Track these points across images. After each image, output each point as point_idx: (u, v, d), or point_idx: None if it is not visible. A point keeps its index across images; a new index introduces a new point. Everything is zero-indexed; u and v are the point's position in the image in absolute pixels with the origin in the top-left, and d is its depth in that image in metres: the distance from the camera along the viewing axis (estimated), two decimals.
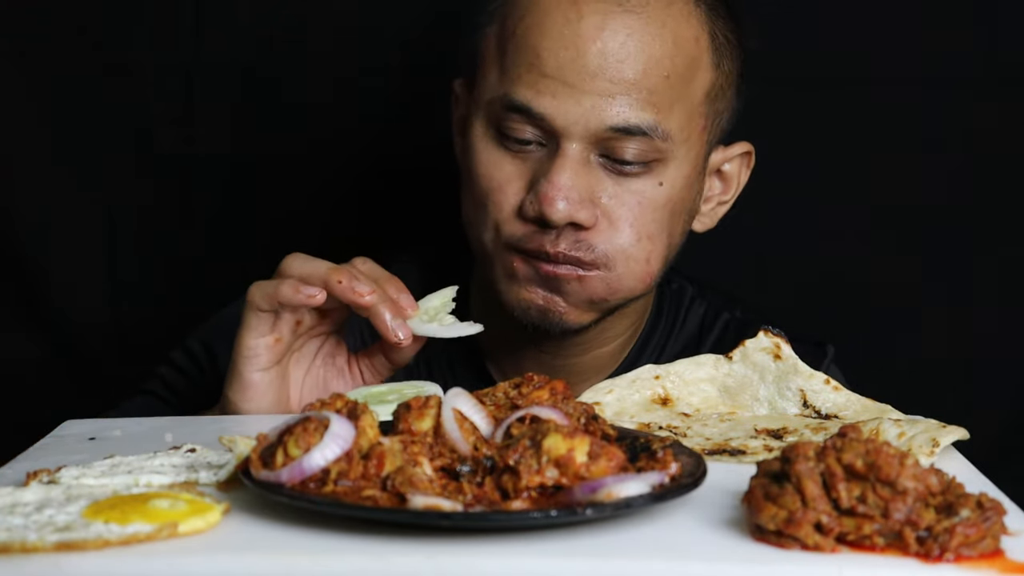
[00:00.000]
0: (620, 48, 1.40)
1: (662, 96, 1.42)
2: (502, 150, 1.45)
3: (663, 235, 1.46)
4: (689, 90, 1.45)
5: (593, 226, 1.42)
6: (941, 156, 1.94)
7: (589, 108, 1.40)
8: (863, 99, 1.93)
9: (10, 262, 1.98)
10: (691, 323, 1.65)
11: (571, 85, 1.39)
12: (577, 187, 1.41)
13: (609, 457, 0.96)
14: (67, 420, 1.29)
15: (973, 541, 0.88)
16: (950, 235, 1.94)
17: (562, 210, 1.40)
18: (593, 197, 1.42)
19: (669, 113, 1.42)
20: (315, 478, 0.95)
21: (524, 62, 1.42)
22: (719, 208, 1.59)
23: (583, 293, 1.45)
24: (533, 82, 1.41)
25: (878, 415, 1.21)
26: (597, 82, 1.39)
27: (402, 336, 1.30)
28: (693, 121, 1.46)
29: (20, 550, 0.88)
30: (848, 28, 1.93)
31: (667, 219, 1.46)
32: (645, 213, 1.44)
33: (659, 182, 1.44)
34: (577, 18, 1.40)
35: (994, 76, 1.91)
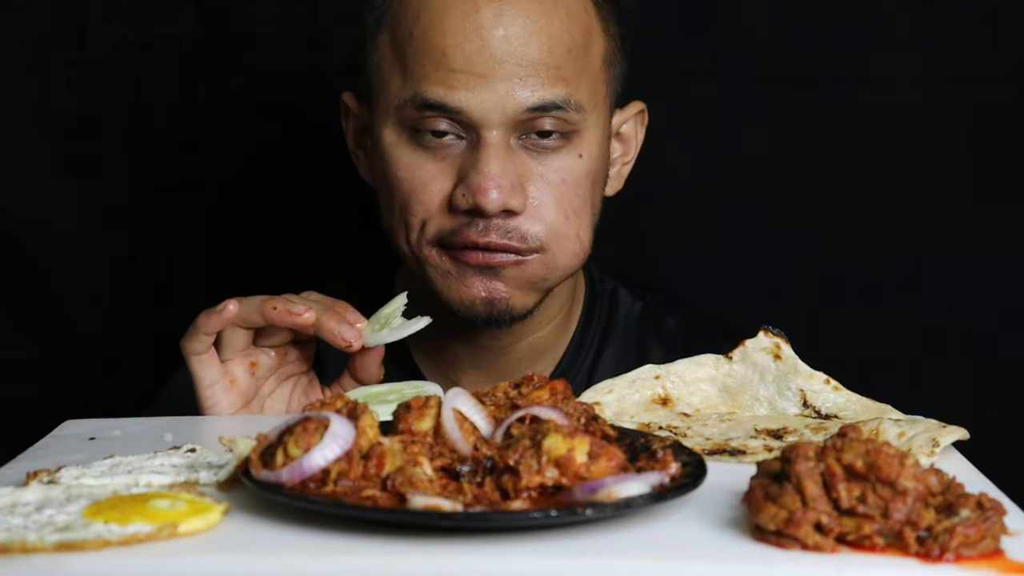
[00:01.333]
0: (521, 31, 1.42)
1: (568, 69, 1.45)
2: (420, 150, 1.46)
3: (587, 207, 1.49)
4: (589, 59, 1.48)
5: (523, 211, 1.44)
6: (941, 156, 1.94)
7: (503, 94, 1.42)
8: (863, 99, 1.93)
9: (10, 262, 1.98)
10: (629, 324, 1.67)
11: (481, 75, 1.42)
12: (507, 173, 1.43)
13: (609, 457, 0.96)
14: (67, 420, 1.29)
15: (973, 541, 0.88)
16: (950, 235, 1.94)
17: (495, 199, 1.42)
18: (521, 182, 1.44)
19: (578, 84, 1.45)
20: (315, 478, 0.95)
21: (430, 61, 1.43)
22: (623, 169, 1.61)
23: (522, 276, 1.47)
24: (443, 79, 1.42)
25: (878, 415, 1.21)
26: (506, 67, 1.42)
27: (350, 338, 1.33)
28: (597, 88, 1.49)
29: (20, 550, 0.88)
30: (848, 28, 1.93)
31: (589, 190, 1.49)
32: (570, 189, 1.46)
33: (579, 154, 1.47)
34: (474, 10, 1.42)
35: (994, 76, 1.92)
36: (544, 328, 1.59)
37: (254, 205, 2.01)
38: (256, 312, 1.32)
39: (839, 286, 1.96)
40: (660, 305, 1.69)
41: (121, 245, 2.01)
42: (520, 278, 1.47)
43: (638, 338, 1.66)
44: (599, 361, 1.63)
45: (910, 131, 1.93)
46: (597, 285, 1.67)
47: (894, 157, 1.94)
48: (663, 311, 1.68)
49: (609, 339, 1.65)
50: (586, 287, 1.66)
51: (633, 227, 1.97)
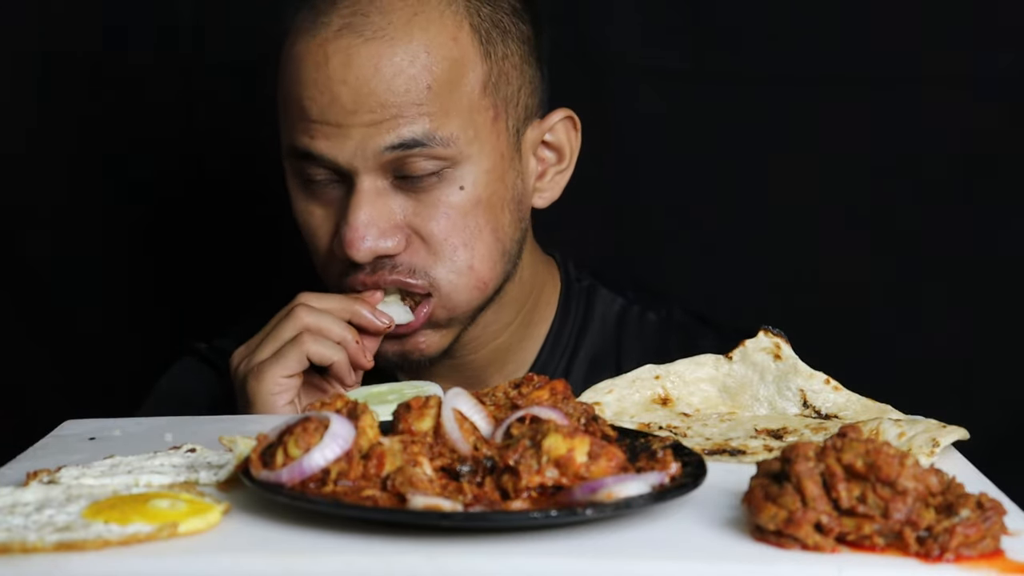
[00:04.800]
0: (371, 78, 1.41)
1: (430, 106, 1.42)
2: (309, 195, 1.48)
3: (482, 236, 1.47)
4: (460, 91, 1.45)
5: (405, 249, 1.45)
6: (941, 156, 1.94)
7: (360, 139, 1.41)
8: (862, 99, 1.93)
9: (10, 263, 1.98)
10: (607, 321, 1.66)
11: (336, 125, 1.42)
12: (376, 220, 1.43)
13: (609, 457, 0.96)
14: (67, 420, 1.29)
15: (973, 541, 0.88)
16: (950, 235, 1.94)
17: (365, 248, 1.43)
18: (397, 222, 1.44)
19: (444, 118, 1.43)
20: (315, 478, 0.95)
21: (295, 112, 1.45)
22: (558, 178, 1.58)
23: (428, 326, 1.48)
24: (306, 128, 1.44)
25: (878, 415, 1.21)
26: (359, 115, 1.41)
27: (387, 320, 1.43)
28: (477, 116, 1.46)
29: (20, 550, 0.88)
30: (848, 28, 1.93)
31: (481, 219, 1.47)
32: (454, 221, 1.45)
33: (459, 187, 1.45)
34: (324, 61, 1.42)
35: (994, 76, 1.92)
36: (501, 336, 1.59)
37: (254, 205, 2.01)
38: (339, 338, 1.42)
39: (839, 286, 1.96)
40: (641, 300, 1.68)
41: (121, 245, 2.02)
42: (427, 328, 1.48)
43: (616, 335, 1.65)
44: (575, 359, 1.62)
45: (910, 131, 1.93)
46: (573, 283, 1.66)
47: (894, 157, 1.94)
48: (644, 307, 1.67)
49: (585, 336, 1.64)
50: (561, 286, 1.65)
51: (633, 227, 1.97)
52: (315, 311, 1.41)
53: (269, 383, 1.38)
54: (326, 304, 1.42)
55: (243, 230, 2.02)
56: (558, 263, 1.66)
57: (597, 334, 1.64)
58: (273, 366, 1.38)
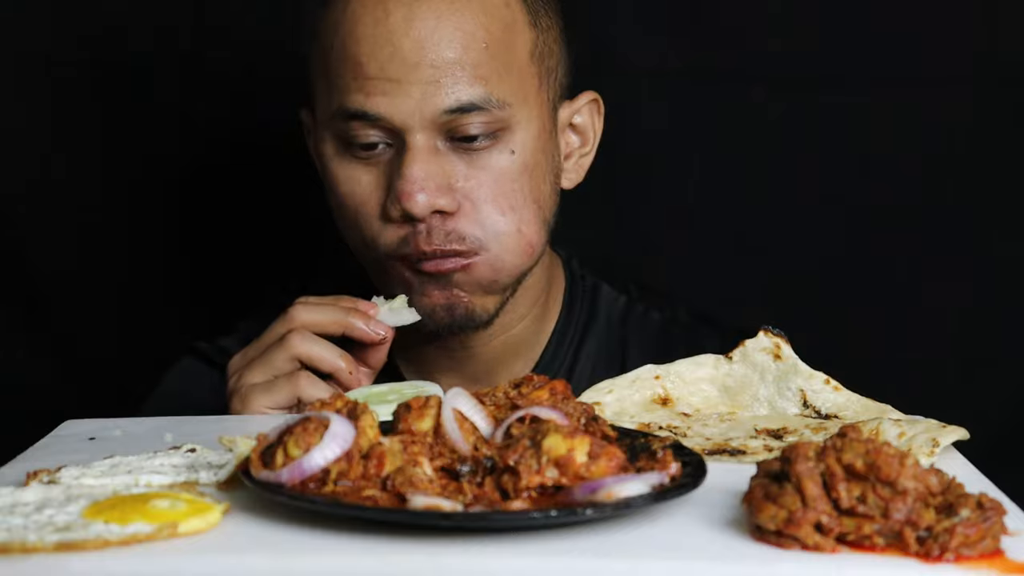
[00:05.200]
0: (433, 32, 1.42)
1: (487, 67, 1.44)
2: (355, 162, 1.47)
3: (528, 202, 1.48)
4: (512, 54, 1.47)
5: (457, 211, 1.44)
6: (941, 156, 1.94)
7: (420, 98, 1.42)
8: (863, 99, 1.93)
9: (10, 262, 1.98)
10: (611, 319, 1.66)
11: (396, 81, 1.42)
12: (432, 175, 1.43)
13: (609, 457, 0.96)
14: (67, 420, 1.29)
15: (973, 541, 0.88)
16: (950, 235, 1.94)
17: (422, 202, 1.42)
18: (450, 182, 1.44)
19: (499, 81, 1.45)
20: (315, 478, 0.95)
21: (348, 71, 1.44)
22: (582, 161, 1.60)
23: (472, 280, 1.47)
24: (361, 87, 1.43)
25: (878, 415, 1.21)
26: (420, 71, 1.42)
27: (382, 331, 1.41)
28: (526, 83, 1.48)
29: (20, 550, 0.88)
30: (848, 28, 1.93)
31: (528, 185, 1.48)
32: (504, 185, 1.46)
33: (511, 150, 1.46)
34: (385, 16, 1.43)
35: (994, 76, 1.92)
36: (515, 327, 1.59)
37: (258, 204, 2.01)
38: (331, 366, 1.40)
39: (839, 286, 1.96)
40: (644, 300, 1.68)
41: (121, 245, 2.01)
42: (471, 282, 1.47)
43: (620, 333, 1.65)
44: (579, 356, 1.63)
45: (910, 131, 1.93)
46: (578, 281, 1.66)
47: (894, 157, 1.94)
48: (647, 305, 1.67)
49: (589, 334, 1.64)
50: (566, 283, 1.66)
51: (632, 227, 1.97)
52: (308, 338, 1.39)
53: (254, 410, 1.38)
54: (320, 316, 1.40)
55: (246, 229, 2.01)
56: (563, 260, 1.67)
57: (602, 332, 1.65)
58: (261, 396, 1.38)
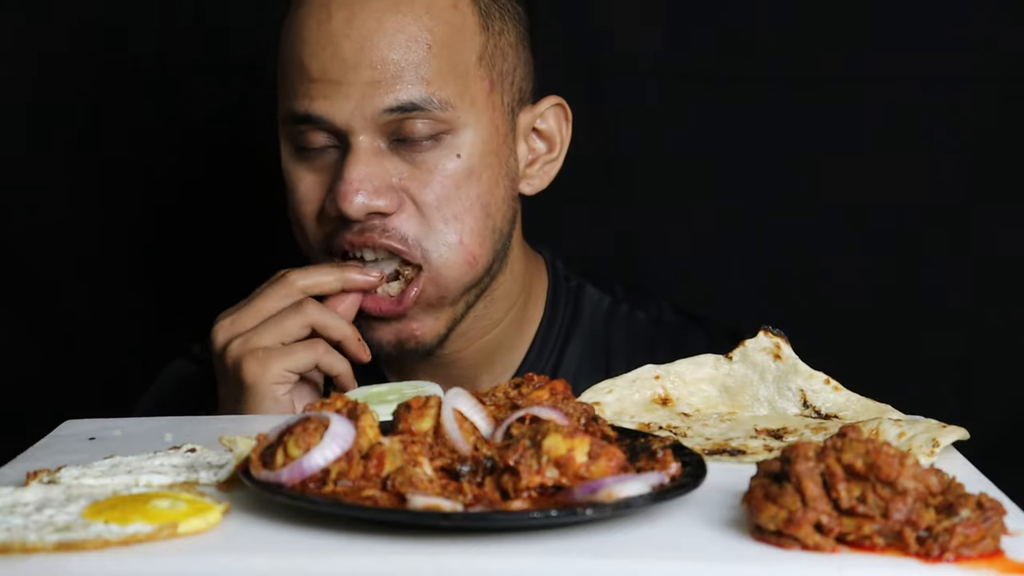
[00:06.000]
0: (374, 33, 1.43)
1: (429, 68, 1.44)
2: (303, 164, 1.48)
3: (474, 209, 1.47)
4: (458, 56, 1.47)
5: (398, 210, 1.45)
6: (941, 156, 1.94)
7: (359, 98, 1.42)
8: (863, 99, 1.93)
9: (10, 262, 1.98)
10: (595, 320, 1.66)
11: (336, 82, 1.43)
12: (372, 177, 1.43)
13: (609, 457, 0.96)
14: (67, 420, 1.29)
15: (973, 541, 0.88)
16: (950, 235, 1.94)
17: (358, 203, 1.42)
18: (391, 183, 1.45)
19: (443, 83, 1.45)
20: (315, 478, 0.95)
21: (295, 75, 1.45)
22: (548, 167, 1.59)
23: (420, 306, 1.47)
24: (306, 91, 1.44)
25: (878, 415, 1.21)
26: (360, 72, 1.42)
27: (375, 274, 1.45)
28: (473, 86, 1.47)
29: (20, 550, 0.88)
30: (848, 28, 1.93)
31: (474, 191, 1.47)
32: (448, 189, 1.46)
33: (456, 154, 1.46)
34: (327, 18, 1.44)
35: (994, 76, 1.92)
36: (491, 332, 1.58)
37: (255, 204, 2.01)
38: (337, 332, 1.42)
39: (839, 286, 1.96)
40: (630, 299, 1.68)
41: (121, 245, 2.02)
42: (419, 309, 1.47)
43: (604, 333, 1.65)
44: (563, 357, 1.62)
45: (910, 131, 1.93)
46: (562, 282, 1.66)
47: (894, 157, 1.94)
48: (633, 305, 1.67)
49: (573, 336, 1.64)
50: (548, 285, 1.65)
51: (632, 227, 1.97)
52: (322, 308, 1.40)
53: (274, 374, 1.37)
54: (317, 276, 1.41)
55: (244, 229, 2.02)
56: (546, 262, 1.66)
57: (585, 333, 1.64)
58: (282, 359, 1.38)
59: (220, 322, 1.42)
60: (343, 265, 1.44)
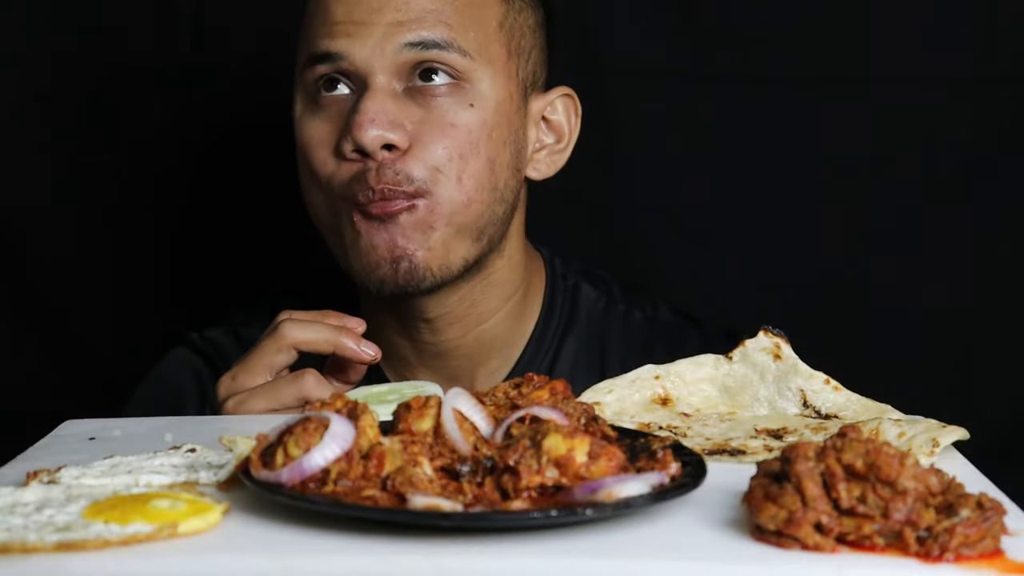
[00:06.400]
0: None
1: (452, 16, 1.47)
2: (318, 112, 1.49)
3: (479, 158, 1.48)
4: (481, 14, 1.49)
5: (408, 150, 1.45)
6: (941, 156, 1.94)
7: (381, 37, 1.45)
8: (863, 99, 1.93)
9: (9, 262, 1.98)
10: (592, 319, 1.65)
11: (360, 22, 1.45)
12: (386, 111, 1.44)
13: (609, 457, 0.96)
14: (67, 420, 1.29)
15: (973, 541, 0.88)
16: (950, 235, 1.94)
17: (372, 135, 1.43)
18: (403, 122, 1.45)
19: (463, 32, 1.47)
20: (315, 478, 0.95)
21: (318, 20, 1.48)
22: (555, 158, 1.60)
23: (412, 222, 1.46)
24: (328, 31, 1.47)
25: (878, 415, 1.21)
26: (385, 13, 1.45)
27: (372, 352, 1.40)
28: (492, 46, 1.50)
29: (20, 550, 0.88)
30: (848, 28, 1.93)
31: (484, 142, 1.48)
32: (458, 134, 1.47)
33: (469, 103, 1.48)
34: None
35: (994, 76, 1.92)
36: (488, 321, 1.58)
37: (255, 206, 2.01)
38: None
39: (839, 286, 1.96)
40: (627, 299, 1.67)
41: (121, 245, 2.02)
42: (412, 224, 1.46)
43: (600, 332, 1.64)
44: (559, 356, 1.62)
45: (910, 131, 1.93)
46: (559, 280, 1.66)
47: (894, 157, 1.94)
48: (629, 305, 1.67)
49: (570, 333, 1.63)
50: (547, 282, 1.65)
51: (631, 227, 1.97)
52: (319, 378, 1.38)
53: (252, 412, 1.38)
54: (310, 335, 1.40)
55: (247, 229, 2.02)
56: (545, 260, 1.66)
57: (582, 332, 1.64)
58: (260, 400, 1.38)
59: (223, 378, 1.42)
60: (342, 326, 1.41)
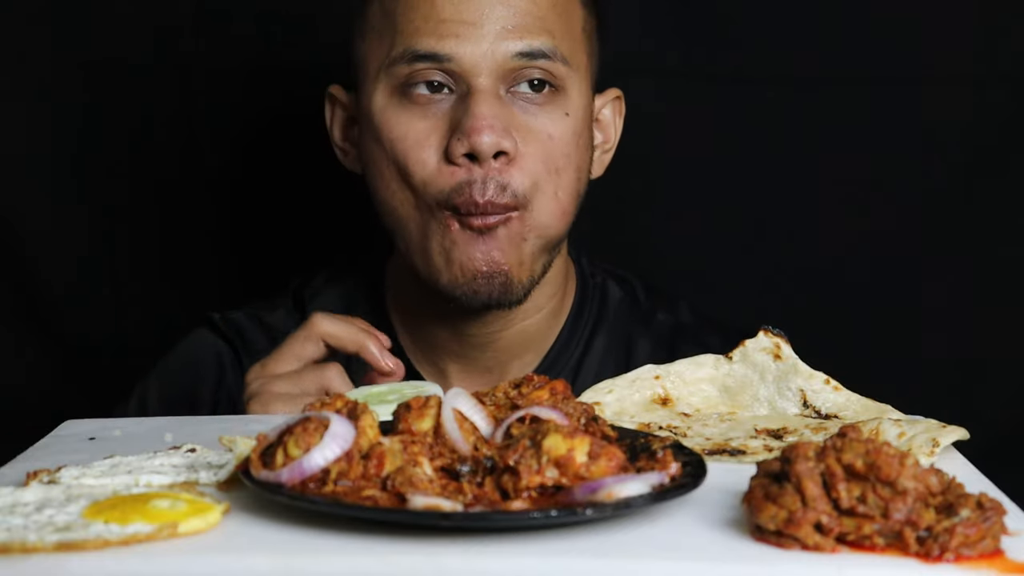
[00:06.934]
0: None
1: (553, 23, 1.48)
2: (412, 107, 1.47)
3: (571, 169, 1.50)
4: (571, 21, 1.51)
5: (515, 158, 1.45)
6: (941, 155, 1.94)
7: (492, 41, 1.45)
8: (863, 99, 1.93)
9: (9, 262, 1.98)
10: (619, 319, 1.66)
11: (470, 23, 1.44)
12: (499, 116, 1.45)
13: (609, 457, 0.96)
14: (67, 420, 1.29)
15: (973, 541, 0.88)
16: (950, 235, 1.94)
17: (489, 140, 1.43)
18: (510, 129, 1.46)
19: (562, 39, 1.49)
20: (315, 478, 0.95)
21: (420, 15, 1.46)
22: (604, 156, 1.63)
23: (509, 235, 1.46)
24: (433, 29, 1.45)
25: (878, 415, 1.21)
26: (495, 15, 1.45)
27: (392, 365, 1.39)
28: (579, 51, 1.52)
29: (20, 550, 0.88)
30: (848, 28, 1.93)
31: (575, 153, 1.50)
32: (556, 147, 1.48)
33: (565, 112, 1.49)
34: None
35: (994, 76, 1.92)
36: (532, 317, 1.59)
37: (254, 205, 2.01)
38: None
39: (839, 286, 1.96)
40: (651, 300, 1.68)
41: (121, 245, 2.01)
42: (509, 237, 1.46)
43: (626, 332, 1.65)
44: (588, 353, 1.63)
45: (910, 131, 1.93)
46: (588, 279, 1.67)
47: (894, 157, 1.94)
48: (653, 306, 1.68)
49: (599, 332, 1.64)
50: (577, 279, 1.66)
51: (632, 227, 1.97)
52: (341, 372, 1.39)
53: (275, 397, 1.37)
54: (339, 330, 1.39)
55: (251, 229, 2.01)
56: (572, 257, 1.67)
57: (610, 331, 1.65)
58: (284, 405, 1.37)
59: (254, 365, 1.42)
60: (369, 331, 1.41)
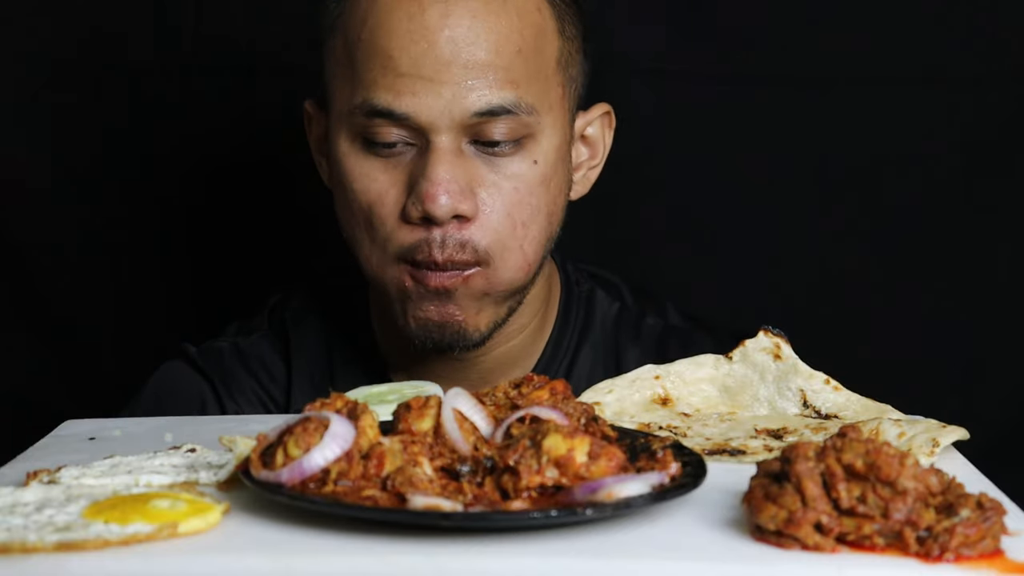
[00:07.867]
0: (468, 32, 1.40)
1: (518, 71, 1.42)
2: (372, 159, 1.44)
3: (539, 217, 1.46)
4: (541, 61, 1.45)
5: (474, 218, 1.42)
6: (941, 156, 1.94)
7: (450, 98, 1.39)
8: (863, 99, 1.93)
9: (9, 262, 1.98)
10: (606, 326, 1.64)
11: (428, 79, 1.39)
12: (456, 178, 1.40)
13: (609, 457, 0.96)
14: (67, 420, 1.29)
15: (973, 541, 0.88)
16: (950, 235, 1.94)
17: (445, 205, 1.39)
18: (472, 187, 1.42)
19: (528, 87, 1.43)
20: (315, 478, 0.95)
21: (377, 65, 1.41)
22: (590, 173, 1.58)
23: (468, 293, 1.44)
24: (390, 84, 1.40)
25: (878, 415, 1.21)
26: (453, 70, 1.39)
27: None
28: (551, 91, 1.46)
29: (20, 550, 0.88)
30: (849, 28, 1.93)
31: (544, 198, 1.46)
32: (522, 199, 1.44)
33: (533, 160, 1.44)
34: (420, 11, 1.40)
35: (994, 76, 1.91)
36: (516, 338, 1.57)
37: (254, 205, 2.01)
38: None
39: (839, 286, 1.96)
40: (640, 304, 1.66)
41: (122, 245, 2.01)
42: (467, 294, 1.44)
43: (614, 340, 1.63)
44: (575, 364, 1.61)
45: (910, 131, 1.93)
46: (574, 287, 1.65)
47: (894, 156, 1.94)
48: (643, 310, 1.66)
49: (585, 342, 1.62)
50: (562, 290, 1.64)
51: (631, 227, 1.97)
52: None
53: None
54: None
55: (248, 232, 2.01)
56: (558, 266, 1.65)
57: (597, 340, 1.63)
58: None
59: None
60: None
